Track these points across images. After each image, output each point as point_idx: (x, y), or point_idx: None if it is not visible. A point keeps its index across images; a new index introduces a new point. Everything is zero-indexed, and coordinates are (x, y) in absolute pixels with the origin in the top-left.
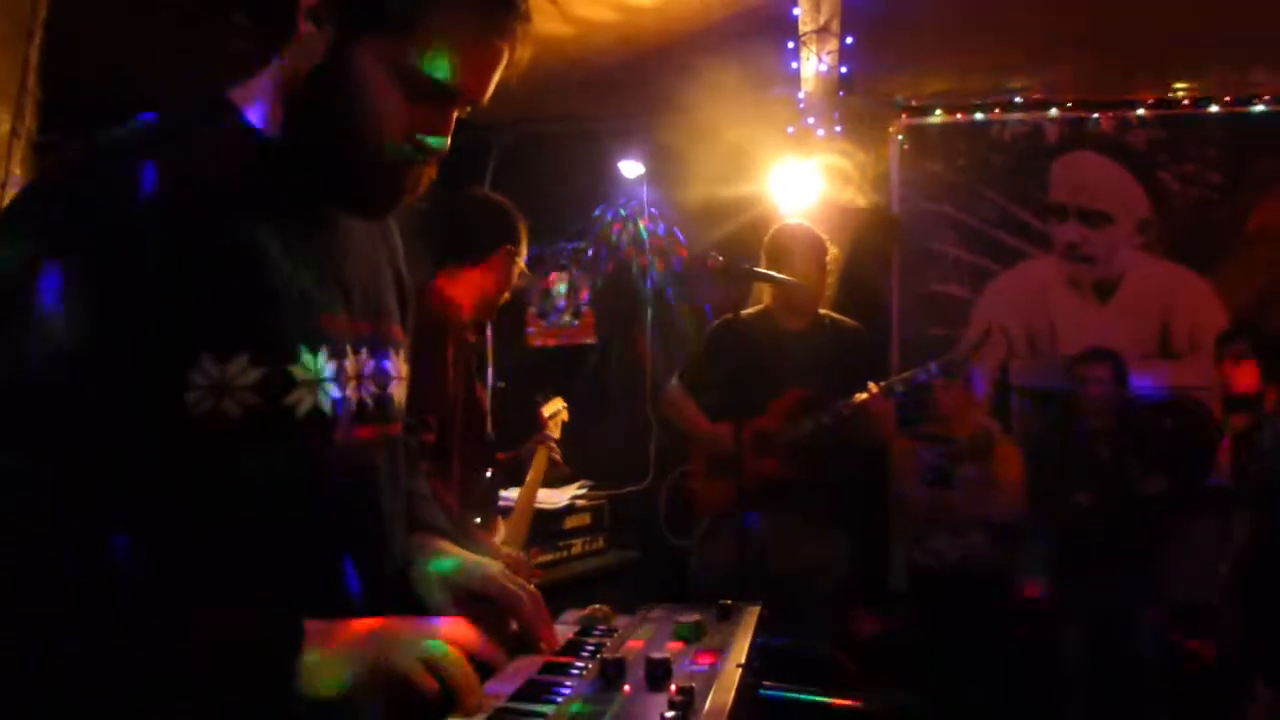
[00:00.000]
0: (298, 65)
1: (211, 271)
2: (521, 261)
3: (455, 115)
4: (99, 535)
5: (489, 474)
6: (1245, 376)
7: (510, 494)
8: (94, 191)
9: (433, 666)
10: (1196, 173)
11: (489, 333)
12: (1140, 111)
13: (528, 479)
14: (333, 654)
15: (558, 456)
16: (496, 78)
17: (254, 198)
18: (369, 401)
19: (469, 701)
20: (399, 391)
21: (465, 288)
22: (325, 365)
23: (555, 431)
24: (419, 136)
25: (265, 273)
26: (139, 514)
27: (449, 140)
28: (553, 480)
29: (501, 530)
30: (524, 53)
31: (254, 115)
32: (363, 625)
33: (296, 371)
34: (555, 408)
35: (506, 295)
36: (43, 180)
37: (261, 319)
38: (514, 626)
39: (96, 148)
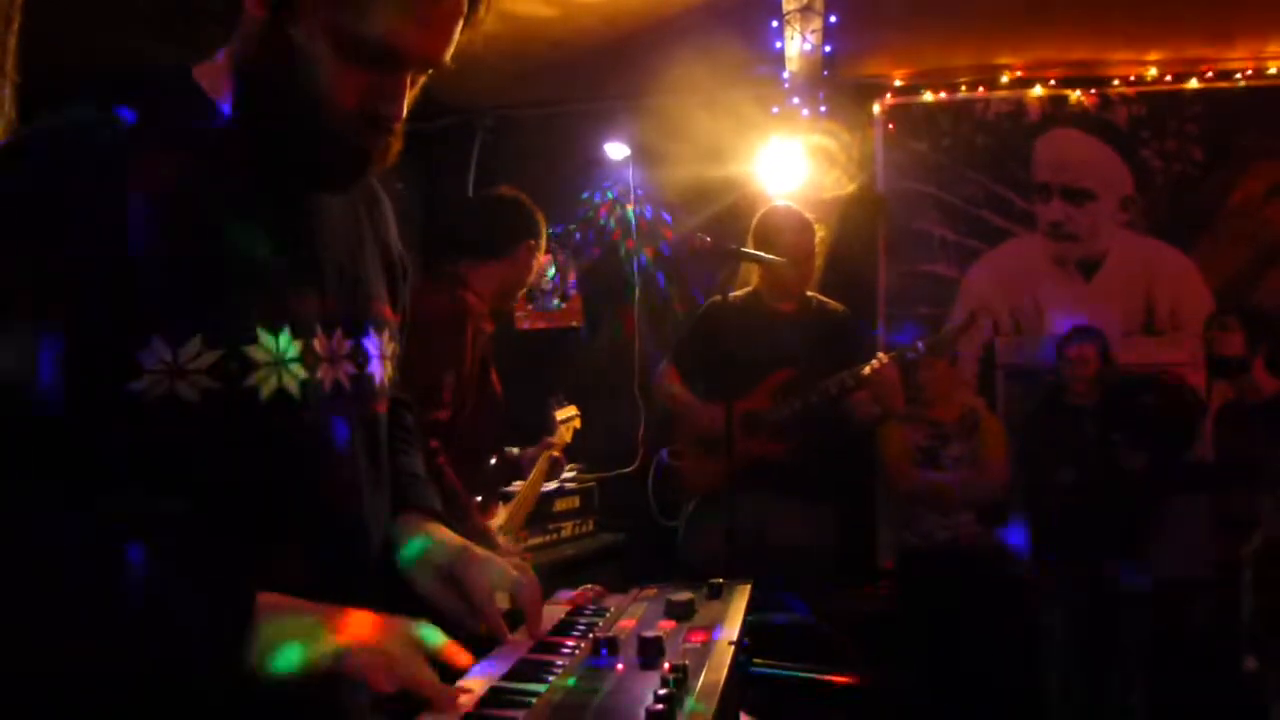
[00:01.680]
0: (246, 37)
1: (161, 251)
2: (541, 255)
3: (410, 79)
4: (51, 524)
5: (493, 461)
6: (1232, 344)
7: (514, 487)
8: (40, 168)
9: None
10: (1178, 149)
11: None
12: (1122, 88)
13: (531, 476)
14: (290, 632)
15: (556, 465)
16: (454, 38)
17: (213, 175)
18: (345, 382)
19: (439, 703)
20: (381, 370)
21: (488, 279)
22: (289, 346)
23: (567, 436)
24: (371, 105)
25: (220, 253)
26: (96, 501)
27: (404, 108)
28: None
29: (501, 514)
30: (485, 13)
31: (215, 90)
32: (332, 610)
33: (255, 353)
34: (569, 414)
35: (526, 287)
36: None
37: (215, 299)
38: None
39: (46, 125)
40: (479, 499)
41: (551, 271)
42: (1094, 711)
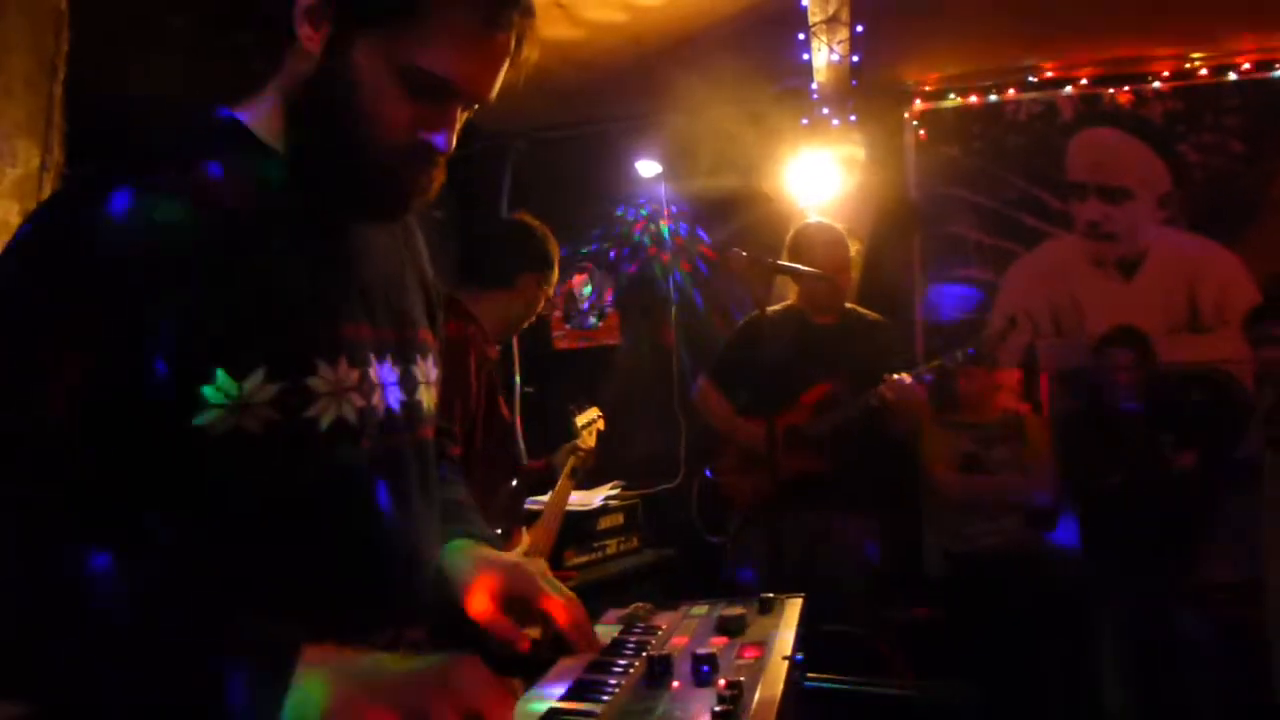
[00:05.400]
0: (298, 71)
1: (223, 285)
2: (550, 290)
3: (460, 115)
4: (120, 556)
5: (514, 483)
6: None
7: (541, 500)
8: (105, 215)
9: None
10: (1217, 143)
11: (514, 338)
12: (1156, 84)
13: (557, 487)
14: (327, 679)
15: (582, 465)
16: (501, 75)
17: (265, 210)
18: (396, 409)
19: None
20: (428, 396)
21: (489, 308)
22: (347, 374)
23: (591, 440)
24: (422, 135)
25: (279, 285)
26: (165, 533)
27: (454, 140)
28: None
29: (525, 540)
30: (530, 52)
31: (261, 127)
32: (367, 656)
33: (315, 384)
34: (590, 417)
35: (532, 319)
36: (53, 204)
37: (275, 334)
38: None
39: (106, 172)
40: (499, 531)
41: (588, 290)
42: (1151, 717)
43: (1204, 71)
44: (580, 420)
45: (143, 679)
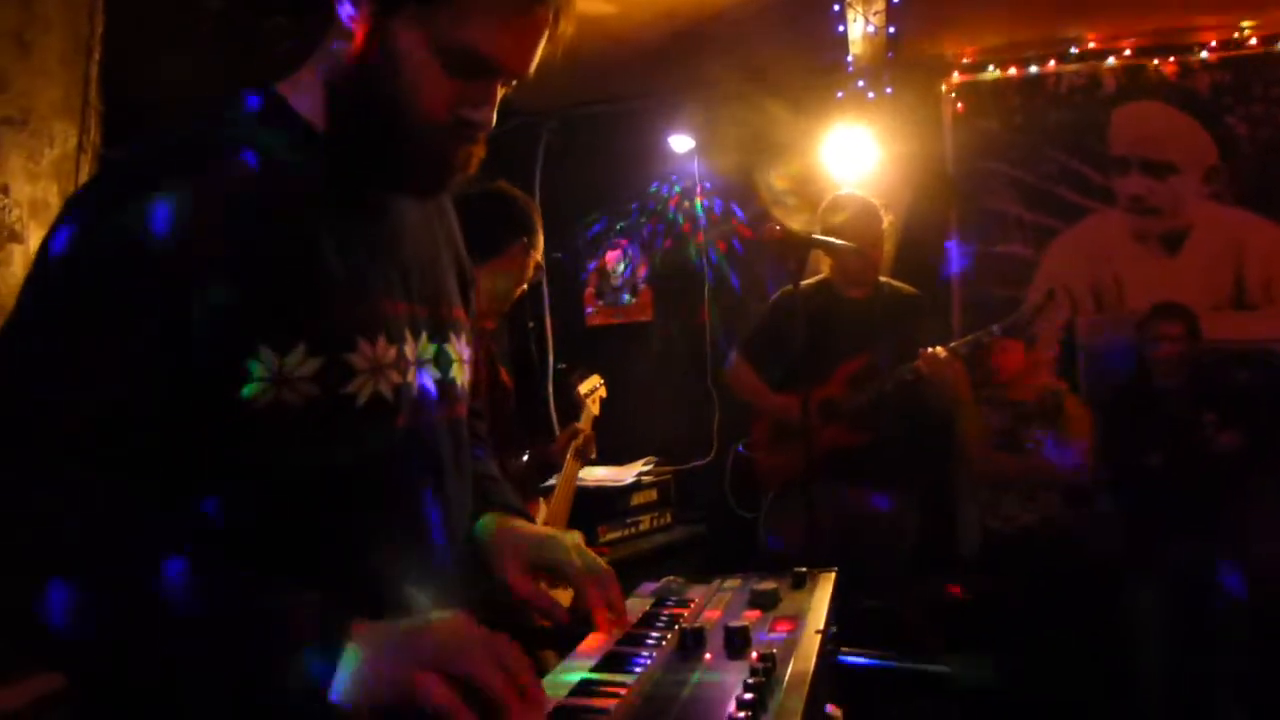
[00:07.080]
0: (339, 50)
1: (266, 265)
2: (538, 255)
3: (499, 91)
4: (159, 527)
5: (525, 458)
6: None
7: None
8: (148, 190)
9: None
10: (1265, 114)
11: (547, 315)
12: (1203, 55)
13: (565, 463)
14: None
15: (587, 443)
16: (539, 51)
17: (306, 189)
18: (431, 386)
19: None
20: (462, 374)
21: (479, 281)
22: (385, 352)
23: (595, 408)
24: (463, 113)
25: (320, 263)
26: (202, 505)
27: (494, 116)
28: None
29: (543, 511)
30: (567, 26)
31: (301, 106)
32: (407, 628)
33: (355, 360)
34: (592, 385)
35: (523, 288)
36: (99, 180)
37: (317, 309)
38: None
39: (151, 148)
40: None
41: (622, 267)
42: (1189, 697)
43: (1253, 41)
44: (583, 389)
45: (190, 656)
